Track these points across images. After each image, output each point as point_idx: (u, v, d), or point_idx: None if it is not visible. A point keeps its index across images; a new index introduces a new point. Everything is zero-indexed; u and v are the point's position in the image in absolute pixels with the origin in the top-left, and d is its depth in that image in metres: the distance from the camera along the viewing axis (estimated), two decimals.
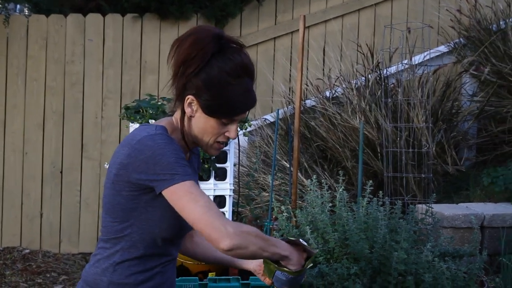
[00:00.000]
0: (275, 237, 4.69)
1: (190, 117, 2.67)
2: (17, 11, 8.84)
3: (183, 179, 2.50)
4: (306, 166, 7.12)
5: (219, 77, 2.59)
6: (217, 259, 3.03)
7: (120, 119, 6.13)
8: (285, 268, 2.75)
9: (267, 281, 2.87)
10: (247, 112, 2.72)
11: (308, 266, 2.81)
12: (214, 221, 2.47)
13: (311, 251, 2.82)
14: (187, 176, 2.51)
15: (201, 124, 2.66)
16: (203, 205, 2.49)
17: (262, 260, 2.81)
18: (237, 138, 4.63)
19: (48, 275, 7.62)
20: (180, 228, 2.69)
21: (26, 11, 8.79)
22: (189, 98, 2.63)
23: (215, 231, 2.47)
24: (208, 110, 2.62)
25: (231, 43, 2.65)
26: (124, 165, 2.60)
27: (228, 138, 2.71)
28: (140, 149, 2.56)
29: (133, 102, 5.50)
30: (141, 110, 5.31)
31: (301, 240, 2.86)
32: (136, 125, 5.32)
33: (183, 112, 2.67)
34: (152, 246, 2.70)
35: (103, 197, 2.75)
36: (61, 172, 8.27)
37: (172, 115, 2.79)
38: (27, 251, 8.13)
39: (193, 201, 2.49)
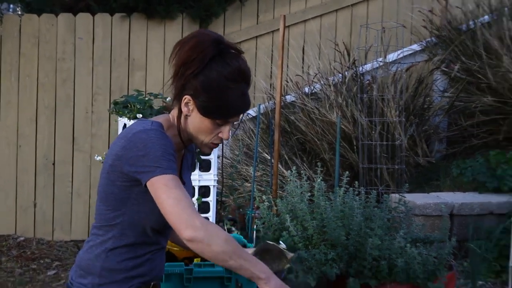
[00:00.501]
0: (256, 225, 4.77)
1: (186, 116, 2.67)
2: (10, 10, 8.81)
3: (164, 172, 2.50)
4: (286, 158, 7.15)
5: (217, 81, 2.59)
6: None
7: (109, 113, 6.15)
8: None
9: None
10: (241, 115, 2.75)
11: (286, 267, 2.86)
12: (182, 213, 2.47)
13: (288, 254, 2.88)
14: (169, 170, 2.51)
15: (196, 123, 2.67)
16: (175, 197, 2.48)
17: None
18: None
19: (42, 261, 7.63)
20: (163, 222, 2.64)
21: (19, 10, 8.77)
22: (186, 98, 2.63)
23: (180, 220, 2.46)
24: (204, 111, 2.63)
25: (230, 48, 2.64)
26: (119, 156, 2.61)
27: (221, 139, 2.71)
28: (134, 142, 2.57)
29: (122, 97, 5.49)
30: (129, 105, 5.30)
31: (281, 242, 2.91)
32: (125, 120, 5.34)
33: (180, 111, 2.67)
34: (142, 235, 2.71)
35: (98, 186, 2.76)
36: (54, 164, 8.27)
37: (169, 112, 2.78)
38: (22, 238, 8.14)
39: (167, 193, 2.49)
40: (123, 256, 2.71)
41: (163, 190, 2.48)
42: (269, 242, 2.92)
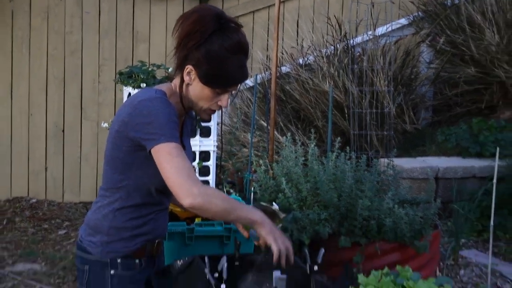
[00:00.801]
0: (253, 187, 4.77)
1: (188, 84, 2.69)
2: None
3: (167, 140, 2.52)
4: (282, 125, 7.15)
5: (218, 52, 2.60)
6: None
7: (115, 83, 6.12)
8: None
9: (245, 234, 2.92)
10: (239, 85, 2.75)
11: (278, 226, 2.86)
12: (182, 181, 2.49)
13: (280, 214, 2.89)
14: (172, 138, 2.53)
15: (197, 91, 2.68)
16: (176, 166, 2.50)
17: None
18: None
19: (53, 222, 7.64)
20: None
21: None
22: (189, 67, 2.65)
23: (180, 190, 2.49)
24: (205, 80, 2.64)
25: (230, 22, 2.66)
26: (125, 122, 2.61)
27: (220, 107, 2.73)
28: (139, 109, 2.58)
29: (127, 68, 5.48)
30: (133, 75, 5.30)
31: (274, 203, 2.92)
32: (129, 89, 5.32)
33: (182, 80, 2.69)
34: (147, 196, 2.74)
35: (105, 150, 2.77)
36: (63, 131, 8.27)
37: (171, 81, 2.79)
38: (34, 200, 8.16)
39: (169, 161, 2.51)
40: (129, 216, 2.74)
41: (166, 158, 2.51)
42: (262, 203, 2.94)
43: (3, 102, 8.13)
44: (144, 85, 5.12)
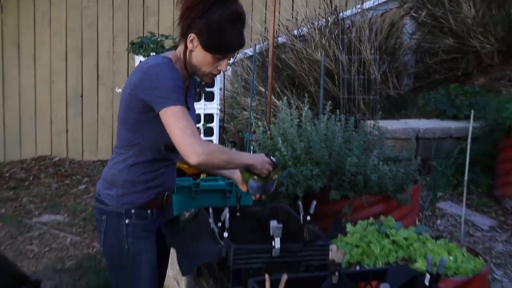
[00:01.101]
0: (253, 146, 4.78)
1: (191, 51, 2.69)
2: None
3: (174, 104, 2.53)
4: (278, 90, 7.13)
5: (218, 22, 2.60)
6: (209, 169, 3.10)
7: (127, 53, 6.13)
8: (255, 176, 2.83)
9: (244, 188, 2.95)
10: (237, 51, 2.76)
11: (274, 177, 2.88)
12: (187, 141, 2.51)
13: (278, 164, 2.90)
14: (178, 101, 2.54)
15: (199, 57, 2.68)
16: (182, 127, 2.52)
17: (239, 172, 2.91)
18: None
19: (74, 178, 7.67)
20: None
21: None
22: (191, 36, 2.65)
23: (186, 149, 2.52)
24: (206, 47, 2.64)
25: None
26: (136, 86, 2.62)
27: (220, 71, 2.74)
28: (149, 74, 2.58)
29: (138, 39, 5.48)
30: (144, 45, 5.30)
31: (271, 157, 2.94)
32: (140, 57, 5.31)
33: (186, 47, 2.69)
34: (157, 153, 2.75)
35: (119, 112, 2.77)
36: (82, 96, 8.27)
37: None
38: (57, 159, 8.17)
39: (175, 123, 2.52)
40: (142, 171, 2.76)
41: (172, 120, 2.52)
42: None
43: (28, 71, 8.10)
44: (154, 53, 5.11)
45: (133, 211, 2.80)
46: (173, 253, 3.71)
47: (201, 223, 2.99)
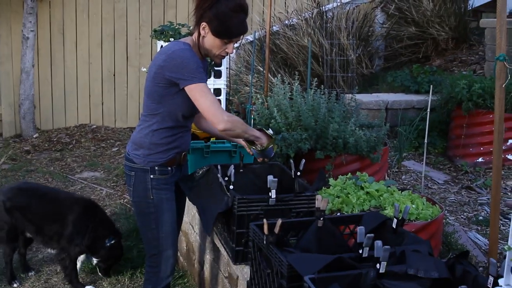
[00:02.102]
0: (253, 115, 4.73)
1: (203, 37, 2.71)
2: None
3: (199, 81, 2.58)
4: (274, 69, 7.08)
5: (225, 12, 2.63)
6: (217, 134, 3.10)
7: (151, 39, 6.06)
8: (254, 147, 2.90)
9: (250, 151, 2.99)
10: (241, 37, 2.77)
11: (270, 146, 2.90)
12: (216, 111, 2.58)
13: (272, 136, 2.93)
14: (202, 80, 2.60)
15: (210, 42, 2.70)
16: (210, 100, 2.58)
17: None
18: None
19: (108, 142, 7.64)
20: (193, 110, 2.75)
21: None
22: (203, 24, 2.67)
23: (215, 118, 2.58)
24: (216, 33, 2.67)
25: None
26: (161, 66, 2.64)
27: (227, 53, 2.76)
28: (174, 57, 2.62)
29: (159, 27, 5.42)
30: (164, 32, 5.24)
31: (269, 129, 2.97)
32: (161, 42, 5.25)
33: (199, 34, 2.70)
34: (176, 120, 2.78)
35: (145, 87, 2.79)
36: (114, 75, 8.21)
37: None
38: (94, 126, 8.13)
39: (204, 97, 2.58)
40: (163, 134, 2.79)
41: (201, 94, 2.58)
42: (259, 127, 2.96)
43: (71, 55, 8.03)
44: (172, 39, 5.04)
45: (156, 168, 2.82)
46: (188, 202, 3.69)
47: (212, 178, 2.99)
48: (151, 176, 2.82)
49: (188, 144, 2.95)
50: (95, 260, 4.01)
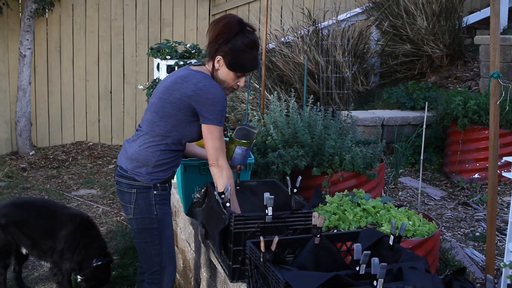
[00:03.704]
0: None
1: (217, 70, 2.83)
2: None
3: (218, 124, 2.75)
4: (270, 86, 7.09)
5: (241, 47, 2.76)
6: (196, 154, 3.31)
7: (147, 56, 6.08)
8: (242, 142, 3.00)
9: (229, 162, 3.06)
10: (252, 71, 2.95)
11: (254, 141, 3.07)
12: (216, 155, 2.77)
13: (255, 130, 3.05)
14: (221, 123, 2.74)
15: (224, 74, 2.84)
16: (216, 145, 2.75)
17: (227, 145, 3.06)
18: None
19: (105, 159, 7.63)
20: (198, 140, 2.93)
21: None
22: (219, 57, 2.80)
23: (212, 159, 2.78)
24: (230, 66, 2.80)
25: (248, 27, 2.80)
26: (189, 96, 2.76)
27: (238, 86, 2.91)
28: (206, 91, 2.75)
29: (156, 45, 5.44)
30: (161, 50, 5.26)
31: (249, 124, 3.06)
32: (158, 60, 5.25)
33: (213, 66, 2.83)
34: (181, 144, 2.91)
35: (161, 108, 2.85)
36: (111, 92, 8.21)
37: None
38: (91, 143, 8.12)
39: (212, 140, 2.75)
40: (169, 155, 2.89)
41: (211, 136, 2.75)
42: (246, 127, 3.05)
43: (68, 72, 8.05)
44: (168, 57, 5.06)
45: (158, 184, 2.91)
46: (185, 218, 3.68)
47: (211, 197, 2.99)
48: (155, 192, 2.90)
49: (179, 163, 3.07)
50: (79, 278, 3.94)
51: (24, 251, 3.98)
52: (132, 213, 2.91)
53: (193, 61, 5.19)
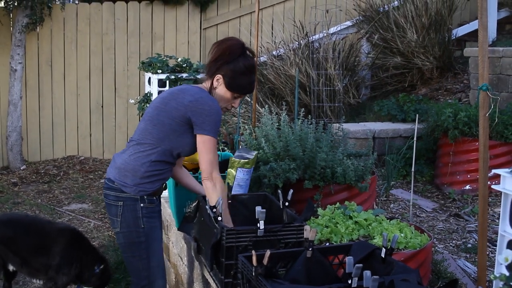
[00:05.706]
0: (241, 145, 4.74)
1: (215, 88, 2.87)
2: (70, 1, 8.61)
3: (212, 135, 2.75)
4: (261, 100, 7.11)
5: (241, 69, 2.82)
6: (188, 185, 3.21)
7: (139, 70, 6.09)
8: (245, 164, 2.99)
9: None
10: (247, 94, 3.06)
11: (253, 166, 3.05)
12: (210, 168, 2.75)
13: (253, 156, 3.12)
14: (215, 134, 2.75)
15: (221, 94, 2.87)
16: (210, 158, 2.75)
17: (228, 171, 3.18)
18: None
19: (96, 173, 7.61)
20: (190, 153, 2.92)
21: (76, 1, 8.58)
22: (218, 76, 2.85)
23: (206, 172, 2.76)
24: (229, 86, 2.85)
25: (249, 51, 2.87)
26: (185, 105, 2.78)
27: (233, 107, 2.95)
28: (203, 103, 2.77)
29: (147, 59, 5.46)
30: (152, 64, 5.27)
31: (252, 153, 3.06)
32: (149, 74, 5.26)
33: (211, 84, 2.87)
34: (172, 156, 2.88)
35: (156, 116, 2.86)
36: (102, 106, 8.21)
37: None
38: (82, 158, 8.10)
39: (206, 152, 2.74)
40: (159, 167, 2.87)
41: (205, 148, 2.75)
42: (243, 153, 3.07)
43: (59, 86, 8.05)
44: (160, 71, 5.08)
45: (145, 197, 2.88)
46: (177, 233, 3.67)
47: (203, 211, 2.98)
48: (142, 205, 2.87)
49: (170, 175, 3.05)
50: None
51: (11, 268, 3.95)
52: (119, 227, 2.89)
53: (184, 75, 5.21)
